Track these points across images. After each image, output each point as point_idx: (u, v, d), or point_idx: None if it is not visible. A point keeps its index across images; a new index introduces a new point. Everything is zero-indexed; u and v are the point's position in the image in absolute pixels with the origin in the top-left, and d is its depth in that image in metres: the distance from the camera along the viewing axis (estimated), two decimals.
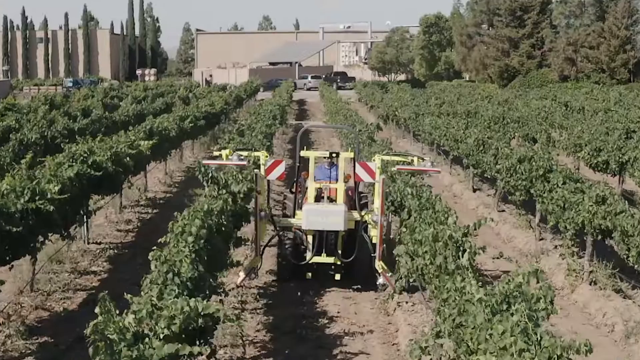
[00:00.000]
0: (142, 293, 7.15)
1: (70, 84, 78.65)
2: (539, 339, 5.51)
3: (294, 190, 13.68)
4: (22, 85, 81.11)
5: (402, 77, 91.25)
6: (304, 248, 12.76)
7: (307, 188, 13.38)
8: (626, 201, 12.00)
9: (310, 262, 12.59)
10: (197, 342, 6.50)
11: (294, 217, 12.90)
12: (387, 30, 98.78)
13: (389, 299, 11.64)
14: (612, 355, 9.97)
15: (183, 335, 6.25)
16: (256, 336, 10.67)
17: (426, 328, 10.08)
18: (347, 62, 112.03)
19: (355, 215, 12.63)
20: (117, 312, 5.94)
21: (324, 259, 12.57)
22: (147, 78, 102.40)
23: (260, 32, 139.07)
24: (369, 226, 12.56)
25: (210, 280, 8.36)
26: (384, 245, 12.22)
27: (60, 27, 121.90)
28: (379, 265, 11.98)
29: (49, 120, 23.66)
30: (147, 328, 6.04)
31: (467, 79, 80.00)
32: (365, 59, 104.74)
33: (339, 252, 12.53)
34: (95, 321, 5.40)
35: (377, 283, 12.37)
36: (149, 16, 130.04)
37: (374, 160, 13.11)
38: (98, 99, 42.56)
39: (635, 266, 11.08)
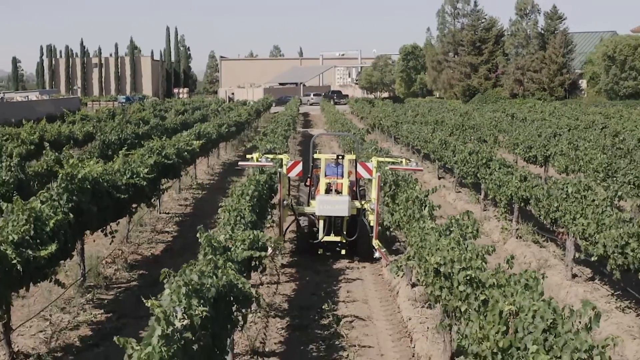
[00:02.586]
0: (218, 231, 9.06)
1: (124, 100, 79.33)
2: (467, 247, 7.44)
3: (307, 184, 14.07)
4: (85, 101, 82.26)
5: (386, 94, 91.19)
6: (316, 229, 12.97)
7: (318, 182, 13.60)
8: (540, 179, 13.85)
9: (321, 240, 12.87)
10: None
11: (308, 205, 13.32)
12: (373, 57, 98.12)
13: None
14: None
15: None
16: (285, 270, 12.51)
17: None
18: (341, 83, 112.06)
19: (357, 204, 12.95)
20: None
21: (332, 238, 12.84)
22: (181, 95, 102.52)
23: (271, 58, 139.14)
24: (367, 212, 12.87)
25: (260, 226, 10.32)
26: (379, 227, 12.46)
27: (111, 55, 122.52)
28: (375, 243, 12.26)
29: (120, 126, 25.39)
30: (230, 244, 8.00)
31: (437, 96, 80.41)
32: (356, 80, 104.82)
33: (344, 232, 12.81)
34: (205, 234, 7.35)
35: (374, 257, 12.58)
36: (182, 45, 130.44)
37: (371, 161, 13.47)
38: (149, 111, 44.10)
39: (544, 223, 12.99)
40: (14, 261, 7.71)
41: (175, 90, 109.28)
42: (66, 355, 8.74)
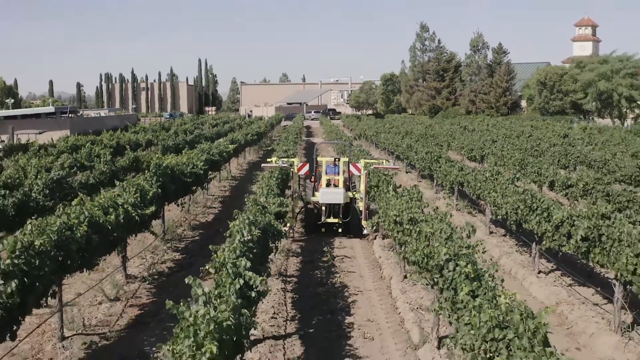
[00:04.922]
0: (257, 197, 11.17)
1: (168, 116, 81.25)
2: (414, 204, 9.59)
3: (312, 180, 14.91)
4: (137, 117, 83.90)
5: (370, 111, 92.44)
6: (319, 214, 13.61)
7: (321, 178, 14.32)
8: (472, 169, 15.93)
9: (324, 222, 13.47)
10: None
11: (313, 196, 14.05)
12: (360, 82, 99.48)
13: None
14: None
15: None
16: (298, 234, 14.54)
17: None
18: (336, 102, 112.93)
19: (350, 194, 13.58)
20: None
21: (332, 220, 13.41)
22: (210, 113, 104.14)
23: (280, 83, 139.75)
24: (357, 200, 13.49)
25: (283, 195, 12.46)
26: (367, 211, 13.23)
27: (155, 80, 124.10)
28: (364, 223, 13.02)
29: (174, 134, 27.46)
30: (266, 204, 10.17)
31: (410, 113, 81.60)
32: (347, 100, 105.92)
33: (341, 216, 13.40)
34: (251, 197, 9.52)
35: (363, 233, 13.33)
36: (210, 73, 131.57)
37: (360, 162, 13.97)
38: (190, 124, 46.04)
39: (473, 198, 15.10)
40: (133, 214, 9.89)
41: (206, 109, 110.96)
42: (160, 277, 10.90)
